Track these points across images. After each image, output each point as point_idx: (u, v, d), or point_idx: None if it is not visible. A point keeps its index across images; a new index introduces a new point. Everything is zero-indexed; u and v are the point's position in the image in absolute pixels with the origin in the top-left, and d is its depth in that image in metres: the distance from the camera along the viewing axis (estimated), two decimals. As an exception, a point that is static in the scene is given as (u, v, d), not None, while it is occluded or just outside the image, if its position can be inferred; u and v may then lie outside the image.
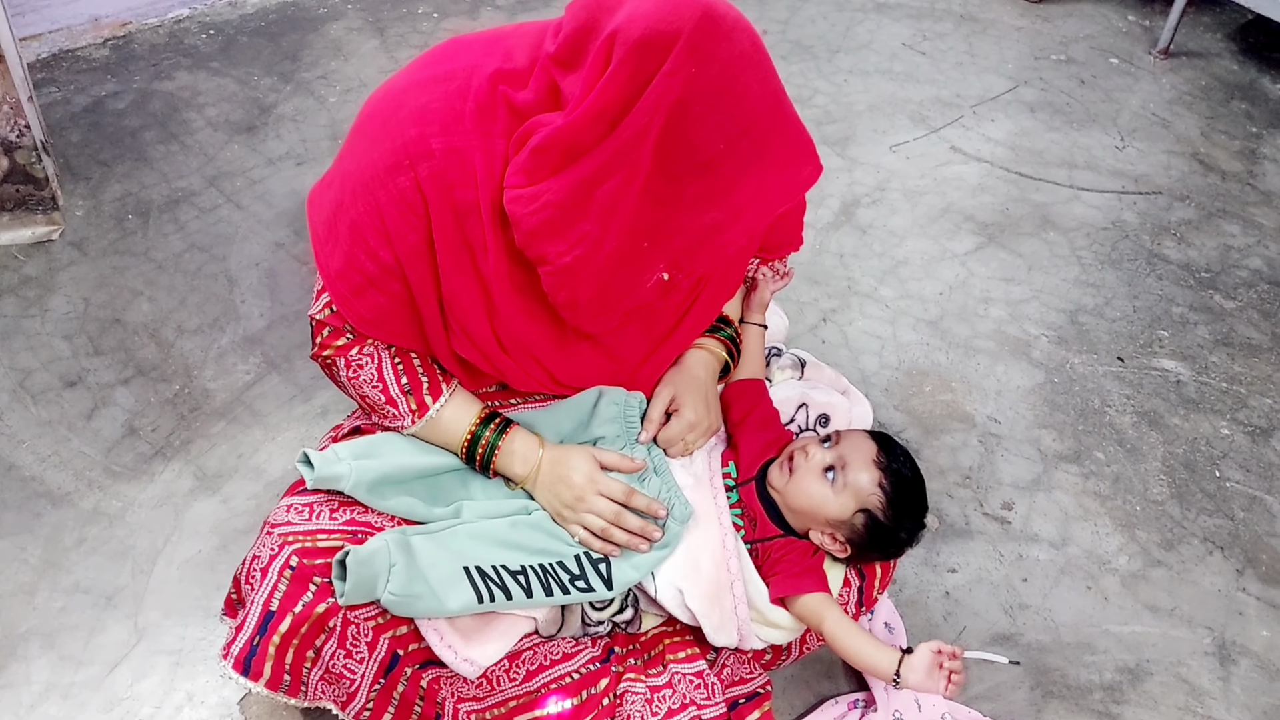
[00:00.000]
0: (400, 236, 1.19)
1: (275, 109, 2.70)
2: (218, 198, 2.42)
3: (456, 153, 1.16)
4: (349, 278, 1.23)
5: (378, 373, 1.31)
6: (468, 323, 1.26)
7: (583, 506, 1.34)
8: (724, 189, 1.10)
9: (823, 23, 3.22)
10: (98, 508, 1.81)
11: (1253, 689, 1.69)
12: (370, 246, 1.20)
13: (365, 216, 1.19)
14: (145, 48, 2.88)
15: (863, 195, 2.59)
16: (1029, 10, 3.38)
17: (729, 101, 1.06)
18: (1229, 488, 1.99)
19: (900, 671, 1.35)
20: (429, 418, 1.34)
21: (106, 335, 2.10)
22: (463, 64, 1.21)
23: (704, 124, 1.06)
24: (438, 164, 1.16)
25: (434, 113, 1.17)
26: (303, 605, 1.24)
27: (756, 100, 1.08)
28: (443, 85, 1.19)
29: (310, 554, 1.26)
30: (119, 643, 1.63)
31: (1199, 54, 3.24)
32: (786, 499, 1.42)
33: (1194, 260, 2.48)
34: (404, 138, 1.17)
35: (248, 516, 1.80)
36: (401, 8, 3.12)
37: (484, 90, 1.18)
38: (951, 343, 2.22)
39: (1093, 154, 2.78)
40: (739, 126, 1.07)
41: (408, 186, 1.16)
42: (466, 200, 1.17)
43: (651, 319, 1.41)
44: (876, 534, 1.40)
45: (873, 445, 1.42)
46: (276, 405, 1.99)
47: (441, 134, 1.16)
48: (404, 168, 1.16)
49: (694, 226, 1.12)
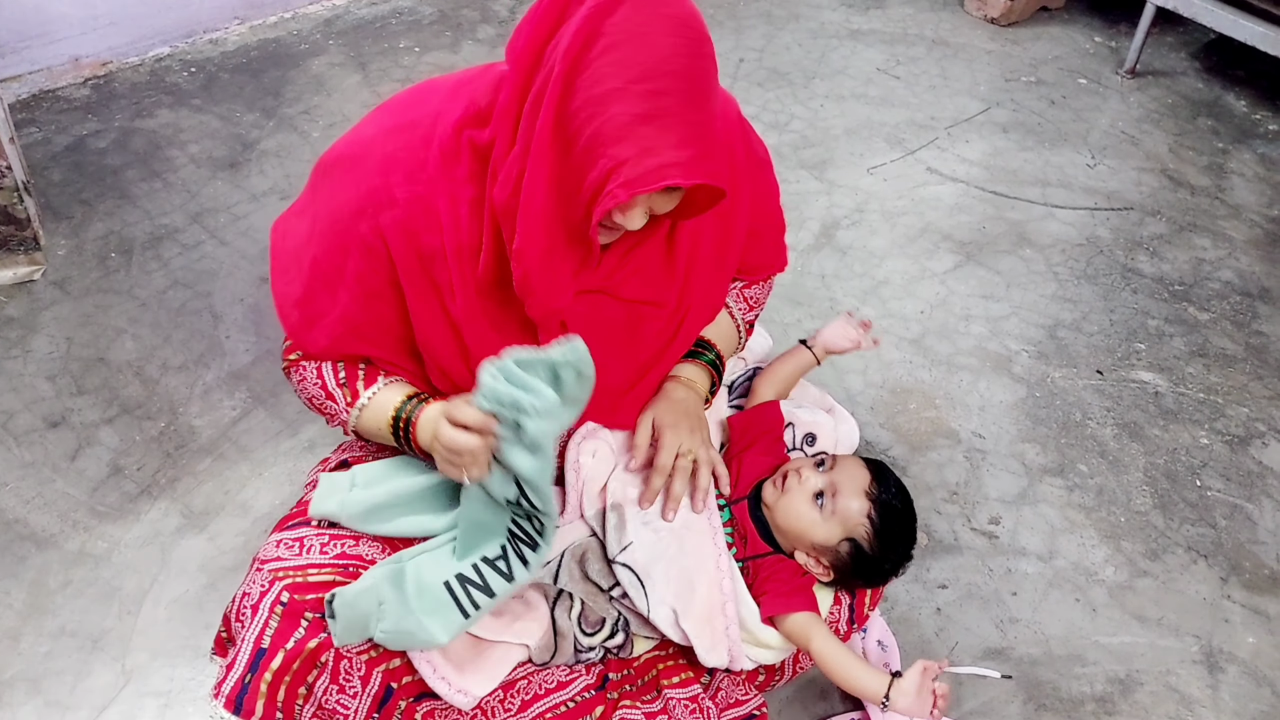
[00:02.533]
0: (361, 279, 1.24)
1: (258, 145, 2.71)
2: (201, 234, 2.42)
3: (420, 200, 1.20)
4: (304, 308, 1.28)
5: (317, 372, 1.34)
6: (443, 362, 1.29)
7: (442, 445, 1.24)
8: (613, 132, 1.03)
9: (798, 50, 3.26)
10: (83, 549, 1.80)
11: (1241, 696, 1.71)
12: (330, 282, 1.25)
13: (328, 255, 1.24)
14: (126, 86, 2.88)
15: (842, 217, 2.62)
16: (998, 34, 3.44)
17: (632, 45, 1.03)
18: (1210, 496, 2.01)
19: (890, 695, 1.34)
20: (361, 405, 1.32)
21: (90, 374, 2.09)
22: (428, 110, 1.23)
23: (605, 57, 1.03)
24: (401, 212, 1.20)
25: (399, 161, 1.21)
26: (294, 641, 1.23)
27: (665, 55, 1.04)
28: (407, 133, 1.22)
29: (301, 589, 1.25)
30: (107, 686, 1.61)
31: (1165, 73, 3.30)
32: (775, 518, 1.43)
33: (1167, 274, 2.52)
34: (369, 185, 1.21)
35: (236, 554, 1.79)
36: (383, 43, 3.14)
37: (448, 136, 1.20)
38: (934, 360, 2.25)
39: (1065, 172, 2.83)
40: (638, 69, 1.03)
41: (369, 233, 1.21)
42: (431, 245, 1.21)
43: (631, 349, 1.41)
44: (861, 563, 1.40)
45: (866, 474, 1.43)
46: (263, 440, 1.99)
47: (405, 182, 1.20)
48: (367, 215, 1.21)
49: (590, 170, 1.05)
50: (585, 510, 1.44)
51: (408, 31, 3.21)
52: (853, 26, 3.42)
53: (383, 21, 3.25)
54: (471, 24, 3.28)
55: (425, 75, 3.00)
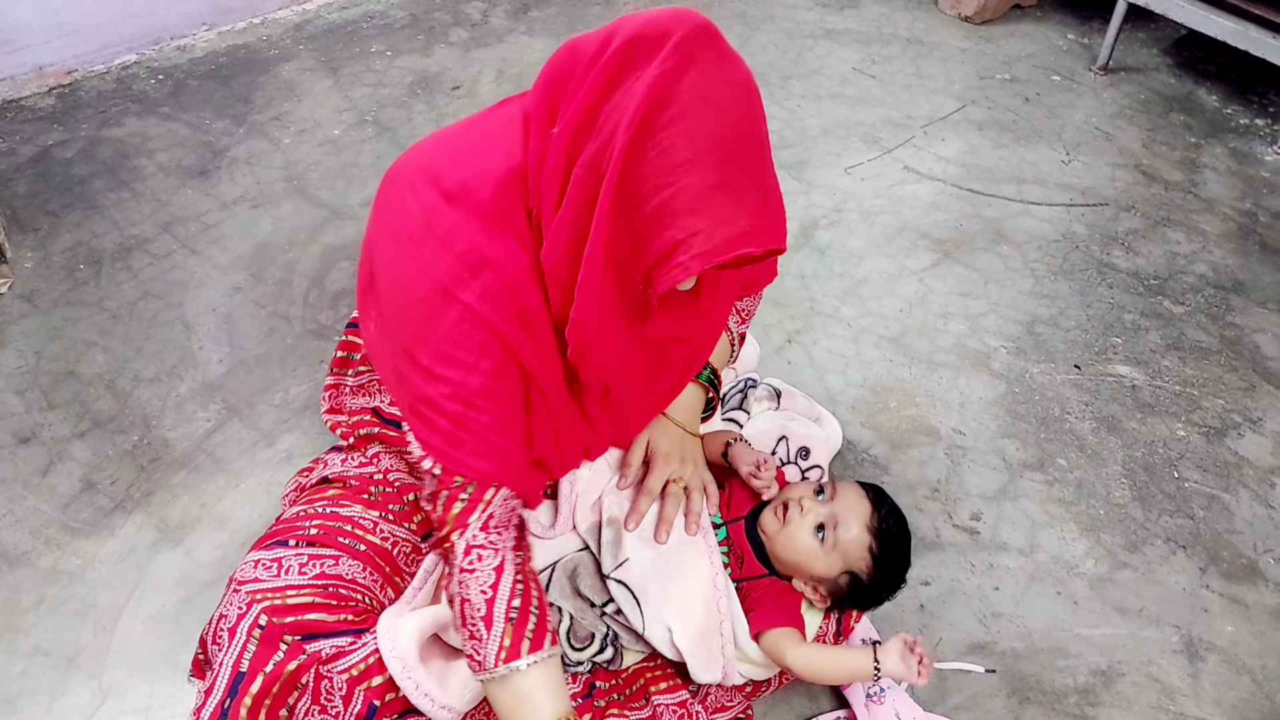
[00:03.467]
0: (484, 354, 1.15)
1: (228, 152, 2.68)
2: (172, 244, 2.39)
3: (512, 259, 1.13)
4: (438, 425, 1.18)
5: (494, 583, 1.20)
6: (536, 427, 1.25)
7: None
8: (686, 203, 1.01)
9: (774, 50, 3.26)
10: (56, 566, 1.77)
11: (1221, 684, 1.71)
12: (454, 383, 1.15)
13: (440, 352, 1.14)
14: (92, 95, 2.85)
15: (820, 217, 2.62)
16: (972, 32, 3.45)
17: (706, 110, 1.01)
18: (1188, 488, 2.02)
19: (878, 659, 1.34)
20: (513, 668, 1.18)
21: (60, 388, 2.06)
22: (470, 172, 1.16)
23: (676, 126, 1.00)
24: (499, 271, 1.13)
25: (470, 225, 1.14)
26: (273, 665, 1.21)
27: (735, 122, 1.03)
28: (463, 200, 1.15)
29: (279, 612, 1.23)
30: (83, 705, 1.59)
31: (1137, 69, 3.32)
32: (775, 548, 1.43)
33: (1142, 268, 2.53)
34: (454, 254, 1.13)
35: (213, 568, 1.76)
36: (354, 47, 3.12)
37: (499, 196, 1.14)
38: (914, 358, 2.25)
39: (1040, 169, 2.84)
40: (710, 138, 1.01)
41: (475, 299, 1.12)
42: (528, 304, 1.14)
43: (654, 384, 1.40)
44: (858, 592, 1.41)
45: (866, 505, 1.42)
46: (239, 452, 1.96)
47: (488, 243, 1.13)
48: (466, 281, 1.12)
49: (656, 241, 1.04)
50: (578, 523, 1.43)
51: (379, 35, 3.19)
52: (828, 26, 3.42)
53: (353, 26, 3.22)
54: (444, 27, 3.26)
55: (397, 79, 2.98)
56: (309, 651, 1.23)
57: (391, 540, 1.38)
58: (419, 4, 3.36)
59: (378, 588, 1.34)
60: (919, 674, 1.32)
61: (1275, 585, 1.86)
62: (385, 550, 1.37)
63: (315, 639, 1.24)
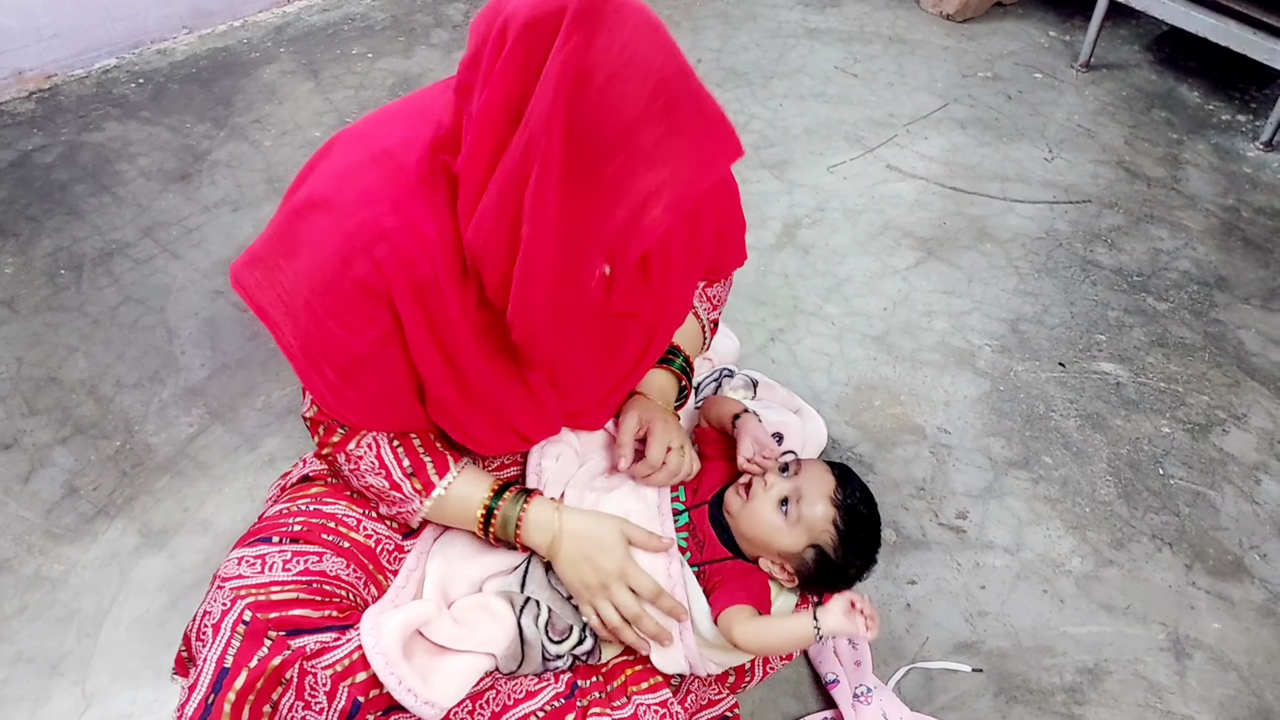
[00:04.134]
0: (371, 323, 1.18)
1: (209, 155, 2.67)
2: (153, 248, 2.38)
3: (410, 229, 1.15)
4: (325, 375, 1.23)
5: (378, 460, 1.32)
6: (439, 393, 1.26)
7: (605, 595, 1.35)
8: (643, 160, 1.02)
9: (755, 49, 3.27)
10: (39, 572, 1.75)
11: (1208, 681, 1.72)
12: (341, 341, 1.19)
13: (332, 311, 1.18)
14: (72, 99, 2.83)
15: (803, 216, 2.62)
16: (954, 30, 3.46)
17: (631, 68, 1.00)
18: (1173, 485, 2.03)
19: (817, 618, 1.31)
20: (436, 496, 1.34)
21: (42, 394, 2.04)
22: (398, 138, 1.19)
23: (608, 94, 0.99)
24: (393, 243, 1.14)
25: (380, 192, 1.16)
26: (258, 660, 1.21)
27: (660, 64, 1.02)
28: (382, 163, 1.18)
29: (264, 608, 1.23)
30: (66, 711, 1.58)
31: (1119, 65, 3.34)
32: (739, 525, 1.42)
33: (1126, 265, 2.54)
34: (354, 222, 1.15)
35: (196, 571, 1.76)
36: (335, 49, 3.11)
37: (424, 161, 1.16)
38: (898, 356, 2.25)
39: (1023, 166, 2.84)
40: (646, 91, 1.01)
41: (367, 273, 1.15)
42: (425, 275, 1.16)
43: (611, 363, 1.41)
44: (825, 569, 1.40)
45: (830, 480, 1.42)
46: (222, 455, 1.95)
47: (392, 212, 1.15)
48: (360, 254, 1.15)
49: (621, 208, 1.04)
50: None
51: (360, 38, 3.18)
52: (810, 25, 3.43)
53: (335, 28, 3.21)
54: (425, 29, 3.25)
55: (379, 81, 2.97)
56: (293, 647, 1.23)
57: (375, 538, 1.38)
58: (400, 6, 3.35)
59: (361, 585, 1.34)
60: (865, 628, 1.29)
61: (1261, 582, 1.87)
62: (369, 548, 1.37)
63: (300, 635, 1.24)
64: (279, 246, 1.24)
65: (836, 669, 1.62)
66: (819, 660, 1.65)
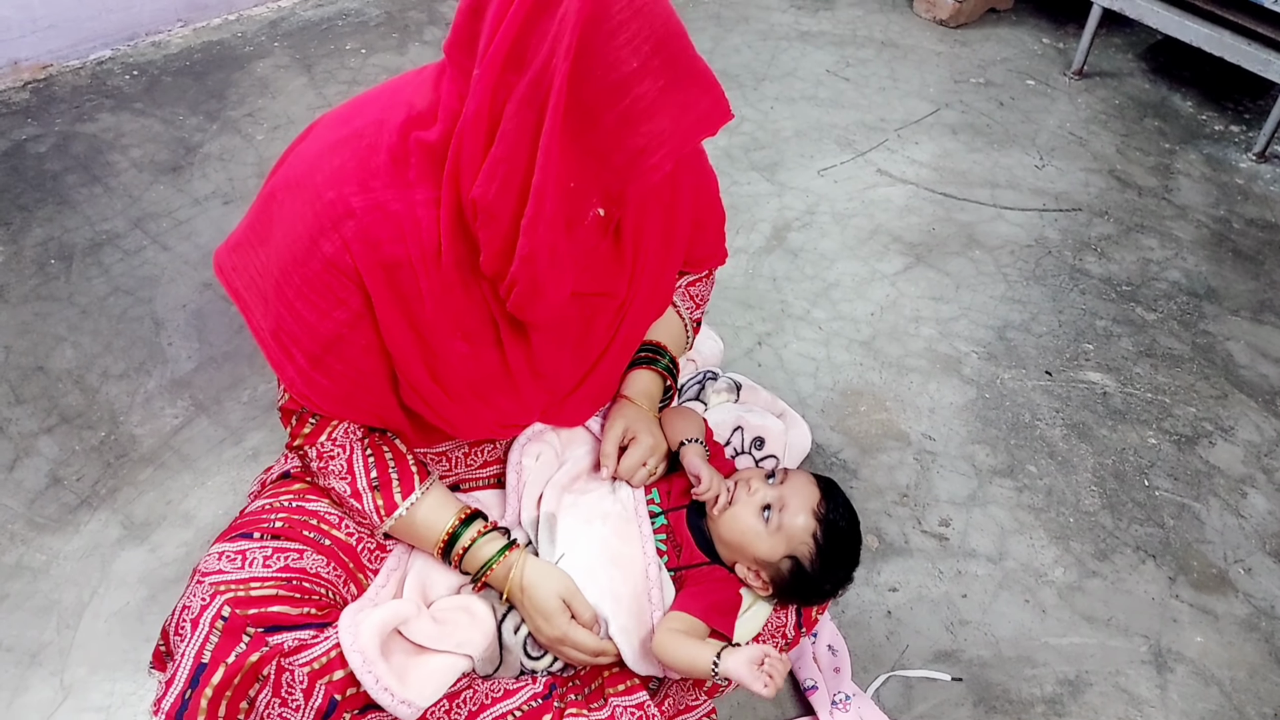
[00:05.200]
0: (340, 304, 1.18)
1: (201, 148, 2.66)
2: (143, 239, 2.38)
3: (378, 208, 1.15)
4: (296, 360, 1.22)
5: (347, 464, 1.32)
6: (412, 375, 1.26)
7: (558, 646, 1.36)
8: (644, 110, 1.06)
9: (747, 52, 3.27)
10: (20, 562, 1.75)
11: (1190, 695, 1.72)
12: (309, 324, 1.19)
13: (301, 293, 1.18)
14: (66, 90, 2.82)
15: (793, 219, 2.62)
16: (947, 35, 3.46)
17: (638, 19, 1.03)
18: (1158, 496, 2.03)
19: (719, 657, 1.28)
20: (398, 516, 1.33)
21: (29, 383, 2.04)
22: (370, 119, 1.20)
23: (614, 40, 1.03)
24: (360, 222, 1.15)
25: (348, 173, 1.17)
26: (235, 656, 1.20)
27: (664, 20, 1.06)
28: (352, 144, 1.19)
29: (243, 604, 1.23)
30: (44, 702, 1.57)
31: (1112, 74, 3.34)
32: (719, 529, 1.42)
33: (1115, 274, 2.55)
34: (322, 202, 1.16)
35: (178, 565, 1.75)
36: (329, 44, 3.10)
37: (395, 140, 1.17)
38: (884, 362, 2.25)
39: (1014, 173, 2.85)
40: (650, 43, 1.05)
41: (336, 251, 1.16)
42: (394, 254, 1.16)
43: (584, 344, 1.41)
44: (800, 581, 1.39)
45: (815, 492, 1.42)
46: (206, 449, 1.95)
47: (360, 191, 1.16)
48: (328, 232, 1.16)
49: (619, 153, 1.08)
50: (523, 517, 1.43)
51: (354, 33, 3.17)
52: (802, 28, 3.43)
53: (329, 23, 3.21)
54: (418, 25, 3.25)
55: (372, 77, 2.97)
56: (271, 644, 1.22)
57: (356, 536, 1.38)
58: (394, 2, 3.35)
59: (341, 583, 1.34)
60: (764, 686, 1.24)
61: (1245, 596, 1.87)
62: (349, 546, 1.36)
63: (278, 631, 1.24)
64: (255, 230, 1.26)
65: (815, 675, 1.62)
66: (798, 666, 1.65)
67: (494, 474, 1.51)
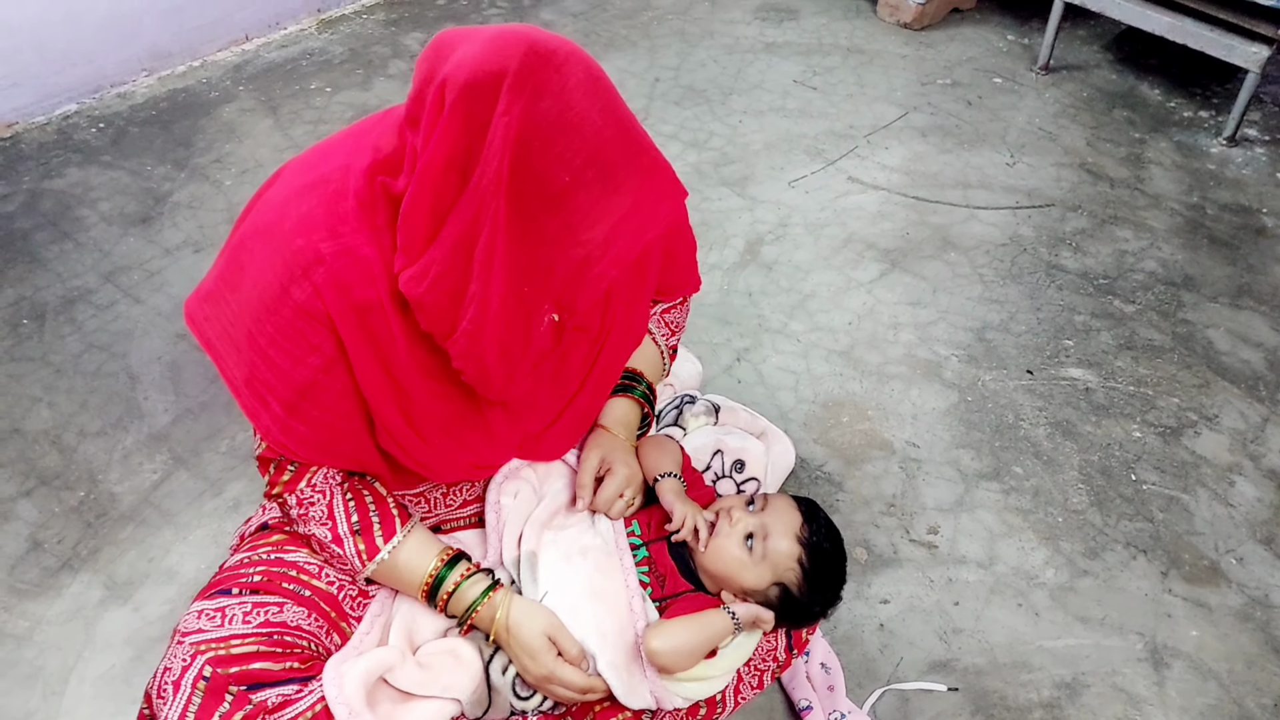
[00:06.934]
0: (314, 350, 1.18)
1: (170, 197, 2.65)
2: (115, 294, 2.36)
3: (348, 253, 1.15)
4: (271, 408, 1.21)
5: (328, 509, 1.31)
6: (386, 418, 1.25)
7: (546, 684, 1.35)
8: (581, 220, 1.08)
9: (714, 66, 3.27)
10: (2, 629, 1.73)
11: (1188, 691, 1.71)
12: (284, 371, 1.19)
13: (274, 340, 1.18)
14: (33, 147, 2.82)
15: (766, 233, 2.61)
16: (912, 38, 3.46)
17: (567, 133, 1.04)
18: (1146, 490, 2.02)
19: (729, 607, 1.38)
20: (380, 560, 1.32)
21: (5, 446, 2.03)
22: (337, 164, 1.20)
23: (545, 157, 1.04)
24: (330, 268, 1.15)
25: (317, 218, 1.16)
26: (219, 717, 1.20)
27: (597, 129, 1.06)
28: (319, 189, 1.18)
29: (224, 662, 1.22)
30: (33, 771, 1.56)
31: (1078, 67, 3.35)
32: (703, 560, 1.41)
33: (1091, 268, 2.54)
34: (292, 249, 1.16)
35: (162, 623, 1.74)
36: (294, 85, 3.10)
37: (362, 185, 1.16)
38: (864, 371, 2.24)
39: (985, 172, 2.85)
40: (581, 156, 1.06)
41: (307, 298, 1.15)
42: (366, 298, 1.16)
43: (560, 379, 1.40)
44: (789, 607, 1.39)
45: (797, 516, 1.41)
46: (186, 503, 1.93)
47: (329, 237, 1.15)
48: (299, 280, 1.15)
49: (563, 262, 1.11)
50: (504, 556, 1.42)
51: (319, 72, 3.17)
52: (767, 40, 3.43)
53: (293, 63, 3.21)
54: (382, 60, 3.25)
55: (338, 114, 2.96)
56: (255, 701, 1.21)
57: (337, 585, 1.37)
58: (358, 39, 3.35)
59: (323, 634, 1.33)
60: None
61: (1239, 586, 1.86)
62: (331, 595, 1.35)
63: (261, 688, 1.23)
64: (226, 279, 1.25)
65: (810, 695, 1.61)
66: (792, 687, 1.63)
67: (474, 513, 1.50)
